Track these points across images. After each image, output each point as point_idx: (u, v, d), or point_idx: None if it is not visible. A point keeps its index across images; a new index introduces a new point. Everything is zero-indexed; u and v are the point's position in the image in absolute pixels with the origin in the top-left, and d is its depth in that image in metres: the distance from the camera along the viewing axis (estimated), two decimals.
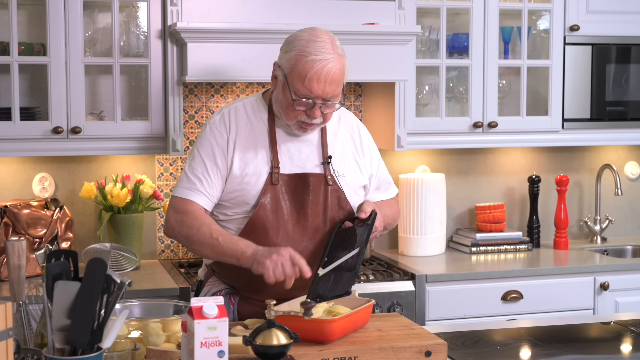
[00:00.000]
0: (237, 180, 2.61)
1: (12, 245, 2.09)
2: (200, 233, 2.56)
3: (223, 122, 2.65)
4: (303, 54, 2.50)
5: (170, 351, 2.10)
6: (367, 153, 2.79)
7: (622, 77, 4.12)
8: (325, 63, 2.49)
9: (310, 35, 2.54)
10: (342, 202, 2.65)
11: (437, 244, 4.02)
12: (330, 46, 2.52)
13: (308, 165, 2.64)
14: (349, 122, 2.79)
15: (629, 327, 2.79)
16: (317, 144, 2.67)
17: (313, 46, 2.51)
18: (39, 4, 3.48)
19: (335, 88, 2.53)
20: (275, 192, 2.60)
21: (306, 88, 2.50)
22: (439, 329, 2.76)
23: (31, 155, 3.66)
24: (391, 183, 2.90)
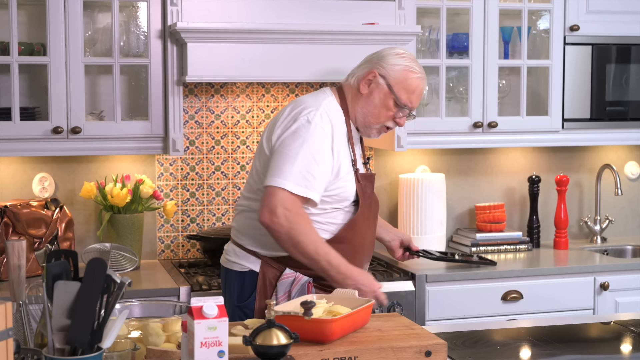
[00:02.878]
0: (342, 177, 2.84)
1: (12, 245, 2.09)
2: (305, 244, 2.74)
3: (327, 121, 2.83)
4: (413, 70, 2.90)
5: (170, 351, 2.10)
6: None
7: (622, 77, 4.12)
8: (424, 82, 2.94)
9: (410, 54, 2.96)
10: (375, 196, 3.01)
11: (437, 244, 4.02)
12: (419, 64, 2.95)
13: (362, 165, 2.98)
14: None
15: (629, 327, 2.79)
16: (360, 146, 3.03)
17: (417, 65, 2.93)
18: (39, 4, 3.48)
19: (419, 101, 2.96)
20: (363, 190, 2.91)
21: (409, 99, 2.90)
22: (439, 329, 2.76)
23: (31, 155, 3.66)
24: None
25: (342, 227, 2.88)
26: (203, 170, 3.94)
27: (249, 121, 3.98)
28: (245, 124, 3.97)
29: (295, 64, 3.52)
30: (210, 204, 3.95)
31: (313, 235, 2.75)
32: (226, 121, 3.95)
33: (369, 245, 2.99)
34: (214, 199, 3.96)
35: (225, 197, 3.97)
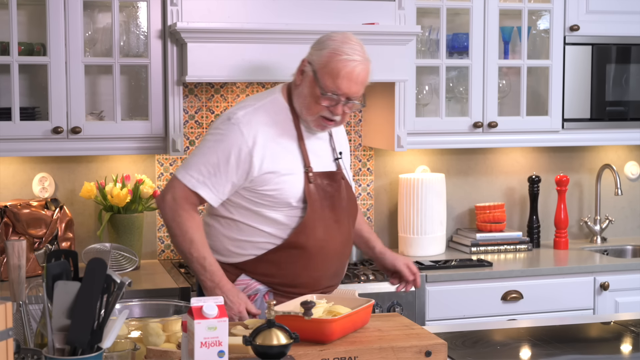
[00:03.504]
0: (270, 177, 2.67)
1: (12, 245, 2.09)
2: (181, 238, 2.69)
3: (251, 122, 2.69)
4: (337, 53, 2.65)
5: (170, 351, 2.10)
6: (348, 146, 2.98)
7: (622, 77, 4.12)
8: (357, 64, 2.65)
9: (344, 37, 2.69)
10: (351, 194, 2.83)
11: (437, 244, 4.02)
12: (360, 49, 2.68)
13: (327, 162, 2.79)
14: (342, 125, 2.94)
15: (629, 327, 2.79)
16: (327, 141, 2.82)
17: (347, 47, 2.66)
18: (39, 4, 3.48)
19: (359, 89, 2.67)
20: (316, 191, 2.72)
21: (335, 85, 2.64)
22: (439, 329, 2.76)
23: (31, 155, 3.66)
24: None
25: (292, 231, 2.72)
26: None
27: None
28: None
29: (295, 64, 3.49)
30: None
31: (193, 234, 2.67)
32: None
33: (336, 252, 2.78)
34: None
35: None
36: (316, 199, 2.71)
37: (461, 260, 3.86)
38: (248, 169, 2.66)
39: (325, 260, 2.75)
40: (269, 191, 2.68)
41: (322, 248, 2.73)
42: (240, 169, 2.66)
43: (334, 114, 2.67)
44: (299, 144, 2.73)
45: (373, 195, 4.16)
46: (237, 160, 2.66)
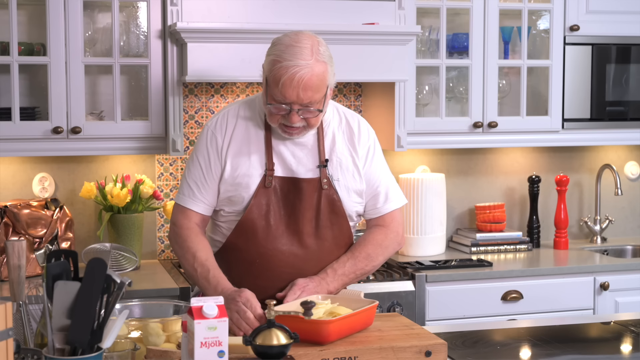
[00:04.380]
0: (229, 181, 2.61)
1: (12, 245, 2.09)
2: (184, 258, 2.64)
3: (219, 125, 2.65)
4: (278, 59, 2.49)
5: (170, 351, 2.10)
6: (368, 158, 2.71)
7: (622, 77, 4.12)
8: (298, 70, 2.46)
9: (291, 40, 2.51)
10: (335, 208, 2.63)
11: (437, 244, 4.02)
12: (308, 52, 2.48)
13: (301, 169, 2.62)
14: (353, 124, 2.72)
15: (629, 327, 2.79)
16: (312, 147, 2.64)
17: (290, 52, 2.48)
18: (39, 4, 3.48)
19: (312, 94, 2.49)
20: (268, 194, 2.60)
21: (281, 94, 2.48)
22: (439, 329, 2.76)
23: (31, 155, 3.66)
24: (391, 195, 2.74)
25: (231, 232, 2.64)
26: None
27: None
28: None
29: None
30: None
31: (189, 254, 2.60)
32: None
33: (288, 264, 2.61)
34: None
35: None
36: (263, 203, 2.59)
37: (461, 260, 3.86)
38: (221, 168, 2.62)
39: (272, 270, 2.60)
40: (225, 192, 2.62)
41: (266, 255, 2.60)
42: (214, 170, 2.63)
43: (291, 122, 2.52)
44: (266, 146, 2.62)
45: None
46: (211, 161, 2.63)
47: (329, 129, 2.67)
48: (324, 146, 2.65)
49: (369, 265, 2.67)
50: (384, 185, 2.72)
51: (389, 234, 2.72)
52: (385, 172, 2.74)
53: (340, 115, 2.72)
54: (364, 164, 2.69)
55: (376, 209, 2.72)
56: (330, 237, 2.65)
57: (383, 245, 2.69)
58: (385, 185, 2.72)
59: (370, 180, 2.70)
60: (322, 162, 2.63)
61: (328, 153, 2.65)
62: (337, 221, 2.65)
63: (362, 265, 2.66)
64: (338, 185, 2.64)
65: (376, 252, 2.68)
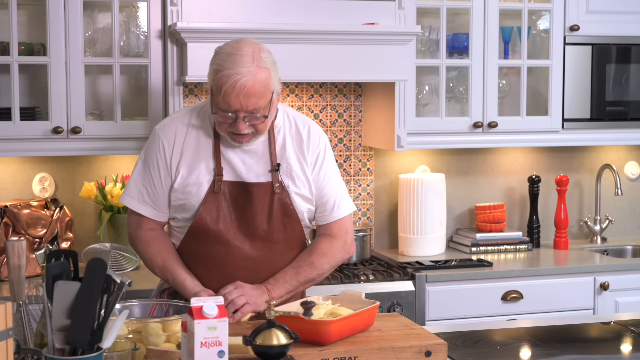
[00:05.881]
0: (179, 189, 2.63)
1: (12, 245, 2.09)
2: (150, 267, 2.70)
3: (169, 135, 2.66)
4: (220, 68, 2.50)
5: (170, 351, 2.10)
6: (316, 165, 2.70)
7: (622, 77, 4.12)
8: (239, 77, 2.47)
9: (232, 48, 2.53)
10: (288, 211, 2.64)
11: (437, 244, 4.02)
12: (249, 59, 2.49)
13: (252, 175, 2.63)
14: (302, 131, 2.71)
15: (629, 327, 2.79)
16: (262, 153, 2.65)
17: (230, 60, 2.49)
18: (39, 4, 3.48)
19: (256, 101, 2.50)
20: (218, 200, 2.62)
21: (225, 102, 2.49)
22: (439, 329, 2.76)
23: (31, 155, 3.66)
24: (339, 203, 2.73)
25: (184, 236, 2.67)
26: None
27: None
28: None
29: (295, 64, 3.51)
30: None
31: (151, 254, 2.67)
32: None
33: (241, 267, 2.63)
34: None
35: None
36: (213, 208, 2.61)
37: (461, 260, 3.86)
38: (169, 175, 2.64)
39: (225, 272, 2.63)
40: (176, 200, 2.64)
41: (218, 259, 2.63)
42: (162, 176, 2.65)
43: (238, 130, 2.52)
44: (215, 153, 2.63)
45: (373, 195, 4.16)
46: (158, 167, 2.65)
47: (280, 135, 2.68)
48: (275, 151, 2.66)
49: (312, 274, 2.68)
50: (333, 193, 2.71)
51: (334, 243, 2.72)
52: (335, 180, 2.73)
53: (291, 121, 2.71)
54: (312, 171, 2.68)
55: (323, 216, 2.72)
56: (282, 240, 2.66)
57: (328, 254, 2.70)
58: (333, 192, 2.71)
59: (318, 187, 2.70)
60: (273, 167, 2.64)
61: (279, 158, 2.66)
62: (289, 224, 2.66)
63: (305, 274, 2.67)
64: (290, 191, 2.66)
65: (321, 261, 2.69)
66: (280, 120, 2.69)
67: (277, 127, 2.68)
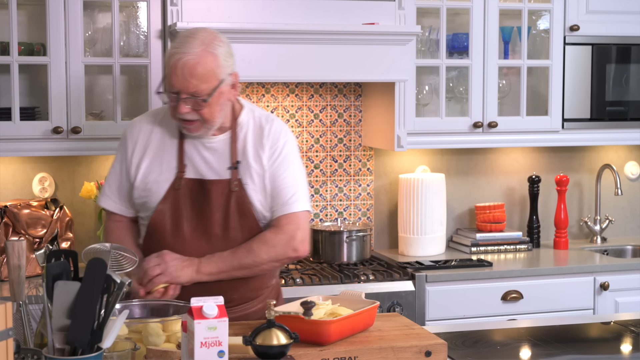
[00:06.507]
0: (141, 187, 2.67)
1: (12, 245, 2.09)
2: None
3: (134, 134, 2.71)
4: (170, 50, 2.57)
5: (170, 351, 2.10)
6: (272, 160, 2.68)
7: (622, 77, 4.12)
8: (182, 56, 2.51)
9: (188, 32, 2.60)
10: (245, 210, 2.63)
11: (437, 244, 4.02)
12: (198, 43, 2.53)
13: (211, 172, 2.64)
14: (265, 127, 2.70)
15: (629, 327, 2.79)
16: (223, 150, 2.66)
17: (181, 41, 2.55)
18: (39, 4, 3.48)
19: (197, 83, 2.52)
20: (177, 197, 2.64)
21: (170, 82, 2.54)
22: (439, 329, 2.76)
23: (31, 155, 3.65)
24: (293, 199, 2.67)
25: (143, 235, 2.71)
26: None
27: None
28: None
29: (296, 64, 3.51)
30: None
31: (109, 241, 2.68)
32: None
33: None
34: None
35: None
36: (172, 206, 2.63)
37: (461, 260, 3.86)
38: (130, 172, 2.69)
39: None
40: (139, 198, 2.69)
41: None
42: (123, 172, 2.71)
43: (179, 111, 2.54)
44: (179, 152, 2.66)
45: (373, 195, 4.16)
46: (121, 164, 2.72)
47: (242, 133, 2.68)
48: (236, 149, 2.66)
49: (248, 258, 2.61)
50: (286, 187, 2.67)
51: (279, 234, 2.64)
52: (292, 176, 2.69)
53: (255, 120, 2.71)
54: (270, 166, 2.66)
55: (275, 209, 2.67)
56: (240, 239, 2.64)
57: (270, 243, 2.63)
58: (288, 187, 2.67)
59: (272, 179, 2.66)
60: (233, 164, 2.64)
61: (240, 156, 2.66)
62: (246, 223, 2.65)
63: (241, 256, 2.61)
64: (250, 189, 2.65)
65: (260, 247, 2.62)
66: (245, 118, 2.70)
67: (240, 125, 2.68)
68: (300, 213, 2.67)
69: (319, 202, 4.08)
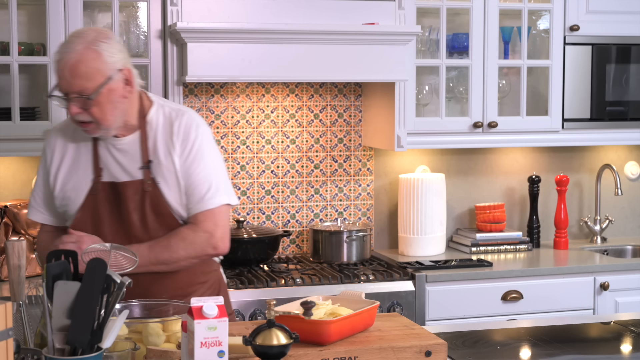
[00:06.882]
0: (60, 196, 2.65)
1: (12, 245, 2.08)
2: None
3: (51, 143, 2.68)
4: (56, 50, 2.53)
5: (170, 351, 2.10)
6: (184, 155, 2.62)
7: (622, 77, 4.12)
8: (64, 56, 2.47)
9: (74, 32, 2.57)
10: (161, 208, 2.60)
11: (437, 244, 4.02)
12: (80, 41, 2.48)
13: (124, 174, 2.61)
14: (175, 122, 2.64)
15: (629, 327, 2.79)
16: (134, 152, 2.61)
17: (65, 42, 2.53)
18: (39, 4, 3.48)
19: (81, 82, 2.47)
20: (96, 203, 2.61)
21: (58, 83, 2.51)
22: (439, 329, 2.76)
23: (31, 155, 3.65)
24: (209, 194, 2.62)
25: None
26: None
27: (249, 121, 3.98)
28: (245, 124, 3.97)
29: (295, 64, 3.52)
30: None
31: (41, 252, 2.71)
32: (226, 121, 3.95)
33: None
34: None
35: None
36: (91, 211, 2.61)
37: (461, 260, 3.86)
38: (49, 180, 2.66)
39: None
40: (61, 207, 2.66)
41: None
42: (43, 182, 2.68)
43: (71, 113, 2.51)
44: (94, 157, 2.63)
45: (373, 195, 4.16)
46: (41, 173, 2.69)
47: (152, 131, 2.63)
48: (147, 148, 2.61)
49: (165, 254, 2.57)
50: (203, 184, 2.62)
51: (197, 231, 2.60)
52: (207, 171, 2.63)
53: (165, 115, 2.65)
54: (182, 163, 2.61)
55: (190, 208, 2.63)
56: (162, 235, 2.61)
57: (187, 240, 2.59)
58: (204, 184, 2.62)
59: (186, 176, 2.61)
60: (144, 164, 2.59)
61: (151, 155, 2.61)
62: (165, 222, 2.61)
63: (158, 251, 2.57)
64: (164, 187, 2.61)
65: (177, 244, 2.58)
66: (153, 116, 2.64)
67: (149, 123, 2.63)
68: (217, 209, 2.62)
69: (319, 202, 4.08)
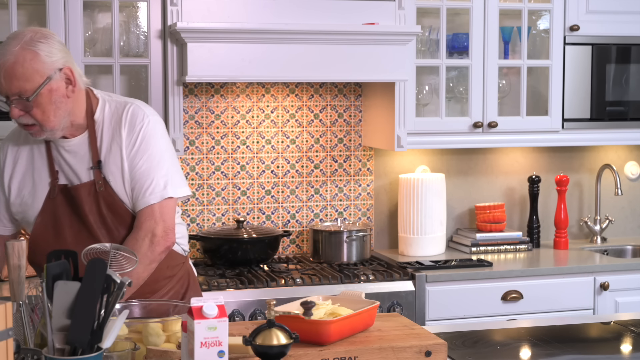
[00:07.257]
0: (17, 202, 2.60)
1: (12, 245, 2.08)
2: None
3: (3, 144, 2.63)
4: None
5: (170, 351, 2.10)
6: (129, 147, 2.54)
7: (622, 77, 4.12)
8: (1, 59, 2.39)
9: (12, 34, 2.48)
10: (117, 208, 2.55)
11: (437, 244, 4.02)
12: (17, 42, 2.40)
13: (76, 176, 2.56)
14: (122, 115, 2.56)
15: (629, 327, 2.79)
16: (84, 152, 2.56)
17: (1, 45, 2.43)
18: (39, 4, 3.48)
19: (19, 84, 2.40)
20: (54, 206, 2.56)
21: None
22: (439, 329, 2.76)
23: None
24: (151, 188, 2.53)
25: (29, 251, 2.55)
26: (203, 170, 3.94)
27: (249, 121, 3.98)
28: (245, 124, 3.97)
29: (295, 64, 3.52)
30: (210, 204, 3.95)
31: None
32: (226, 121, 3.95)
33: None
34: (214, 199, 3.96)
35: (225, 197, 3.97)
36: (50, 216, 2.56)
37: (461, 260, 3.86)
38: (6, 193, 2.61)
39: None
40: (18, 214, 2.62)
41: None
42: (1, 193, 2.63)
43: (12, 116, 2.44)
44: (48, 161, 2.57)
45: (373, 195, 4.16)
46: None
47: (100, 129, 2.56)
48: (96, 147, 2.55)
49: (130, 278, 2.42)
50: (144, 178, 2.54)
51: (139, 239, 2.52)
52: (150, 163, 2.54)
53: (112, 110, 2.57)
54: (127, 156, 2.54)
55: (134, 204, 2.56)
56: (125, 235, 2.56)
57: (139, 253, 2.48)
58: (146, 178, 2.54)
59: (131, 172, 2.54)
60: (94, 164, 2.53)
61: (103, 154, 2.55)
62: (123, 220, 2.56)
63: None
64: (116, 186, 2.55)
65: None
66: (100, 114, 2.56)
67: (97, 121, 2.56)
68: (158, 204, 2.53)
69: (319, 202, 4.08)
